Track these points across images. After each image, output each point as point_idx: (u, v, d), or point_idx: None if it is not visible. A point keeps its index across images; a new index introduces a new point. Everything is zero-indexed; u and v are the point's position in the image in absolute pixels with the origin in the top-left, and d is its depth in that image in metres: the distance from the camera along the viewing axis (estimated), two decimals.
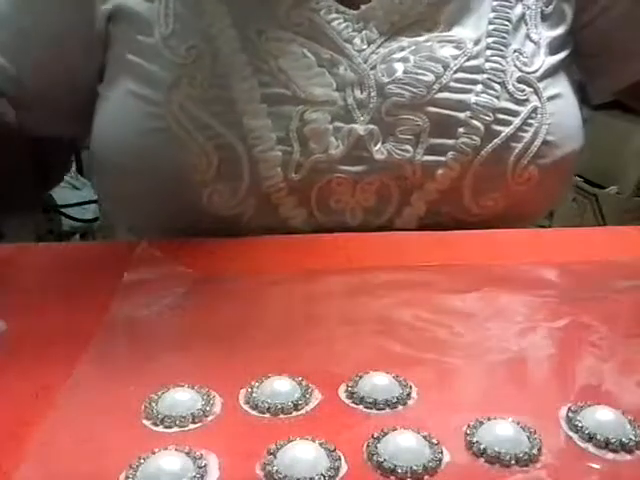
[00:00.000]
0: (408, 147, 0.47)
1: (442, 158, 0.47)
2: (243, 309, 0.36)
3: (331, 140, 0.46)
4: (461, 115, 0.47)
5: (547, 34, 0.51)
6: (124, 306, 0.36)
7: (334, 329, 0.34)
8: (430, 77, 0.47)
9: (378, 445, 0.26)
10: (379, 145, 0.47)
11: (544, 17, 0.52)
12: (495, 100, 0.48)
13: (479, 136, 0.47)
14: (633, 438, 0.27)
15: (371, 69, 0.47)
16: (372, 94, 0.47)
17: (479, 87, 0.48)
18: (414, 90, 0.47)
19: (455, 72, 0.48)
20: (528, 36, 0.50)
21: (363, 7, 0.48)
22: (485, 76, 0.48)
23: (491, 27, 0.49)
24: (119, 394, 0.29)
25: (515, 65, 0.49)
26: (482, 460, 0.26)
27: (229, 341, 0.33)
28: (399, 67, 0.47)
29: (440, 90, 0.47)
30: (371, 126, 0.47)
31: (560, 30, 0.52)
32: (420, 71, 0.47)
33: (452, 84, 0.48)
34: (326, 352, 0.33)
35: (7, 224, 0.56)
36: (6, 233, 0.55)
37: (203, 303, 0.37)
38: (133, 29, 0.48)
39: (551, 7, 0.52)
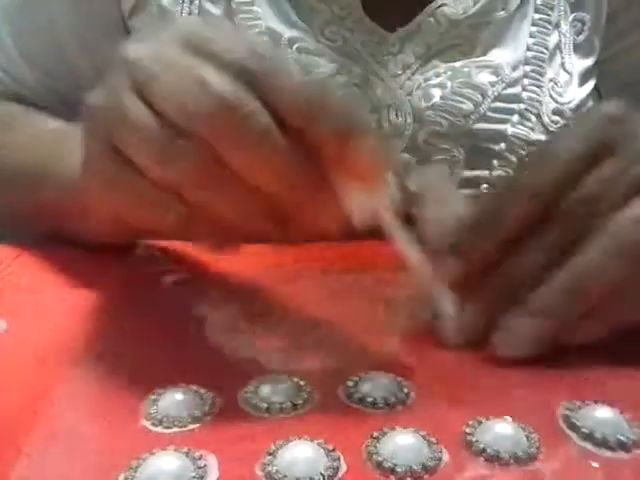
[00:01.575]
0: None
1: (475, 191, 0.46)
2: (241, 309, 0.36)
3: None
4: (496, 147, 0.46)
5: (578, 64, 0.51)
6: (122, 306, 0.37)
7: (332, 329, 0.34)
8: (468, 105, 0.46)
9: (377, 445, 0.26)
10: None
11: (576, 47, 0.51)
12: (531, 132, 0.47)
13: (512, 169, 0.46)
14: (631, 437, 0.27)
15: (407, 95, 0.46)
16: (408, 120, 0.46)
17: (515, 117, 0.47)
18: (452, 119, 0.46)
19: (493, 101, 0.47)
20: (563, 65, 0.50)
21: (400, 30, 0.47)
22: (522, 106, 0.47)
23: (530, 54, 0.49)
24: (118, 394, 0.29)
25: (550, 95, 0.49)
26: (481, 459, 0.26)
27: (227, 341, 0.33)
28: (436, 93, 0.46)
29: (477, 120, 0.47)
30: (406, 155, 0.46)
31: (590, 61, 0.52)
32: (458, 98, 0.46)
33: (489, 114, 0.47)
34: (325, 352, 0.32)
35: None
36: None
37: (201, 303, 0.37)
38: (153, 25, 0.47)
39: (582, 36, 0.51)
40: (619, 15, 0.54)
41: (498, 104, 0.47)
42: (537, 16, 0.50)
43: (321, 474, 0.25)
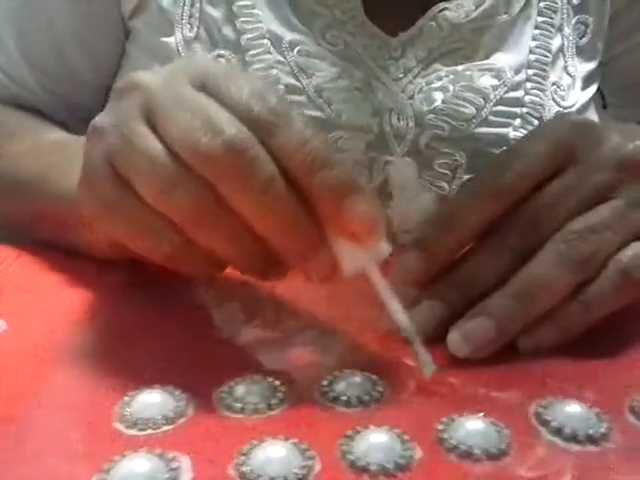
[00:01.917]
0: (444, 184, 0.46)
1: None
2: (234, 308, 0.36)
3: (364, 172, 0.45)
4: (498, 151, 0.45)
5: (581, 68, 0.51)
6: (119, 307, 0.37)
7: (307, 330, 0.34)
8: (470, 109, 0.46)
9: (351, 443, 0.26)
10: None
11: (579, 50, 0.51)
12: None
13: None
14: (600, 430, 0.27)
15: (409, 98, 0.46)
16: (410, 124, 0.46)
17: (518, 121, 0.47)
18: (454, 123, 0.46)
19: (495, 104, 0.47)
20: (566, 69, 0.50)
21: (402, 34, 0.47)
22: (525, 110, 0.47)
23: (532, 57, 0.48)
24: (94, 396, 0.29)
25: (553, 99, 0.48)
26: (453, 455, 0.26)
27: (202, 342, 0.33)
28: (438, 96, 0.46)
29: (479, 124, 0.46)
30: (408, 159, 0.46)
31: (592, 64, 0.52)
32: (460, 102, 0.46)
33: (491, 118, 0.46)
34: (299, 352, 0.33)
35: None
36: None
37: (183, 304, 0.37)
38: (153, 26, 0.47)
39: (585, 39, 0.51)
40: (621, 16, 0.53)
41: (500, 108, 0.47)
42: (540, 19, 0.49)
43: (295, 473, 0.25)
